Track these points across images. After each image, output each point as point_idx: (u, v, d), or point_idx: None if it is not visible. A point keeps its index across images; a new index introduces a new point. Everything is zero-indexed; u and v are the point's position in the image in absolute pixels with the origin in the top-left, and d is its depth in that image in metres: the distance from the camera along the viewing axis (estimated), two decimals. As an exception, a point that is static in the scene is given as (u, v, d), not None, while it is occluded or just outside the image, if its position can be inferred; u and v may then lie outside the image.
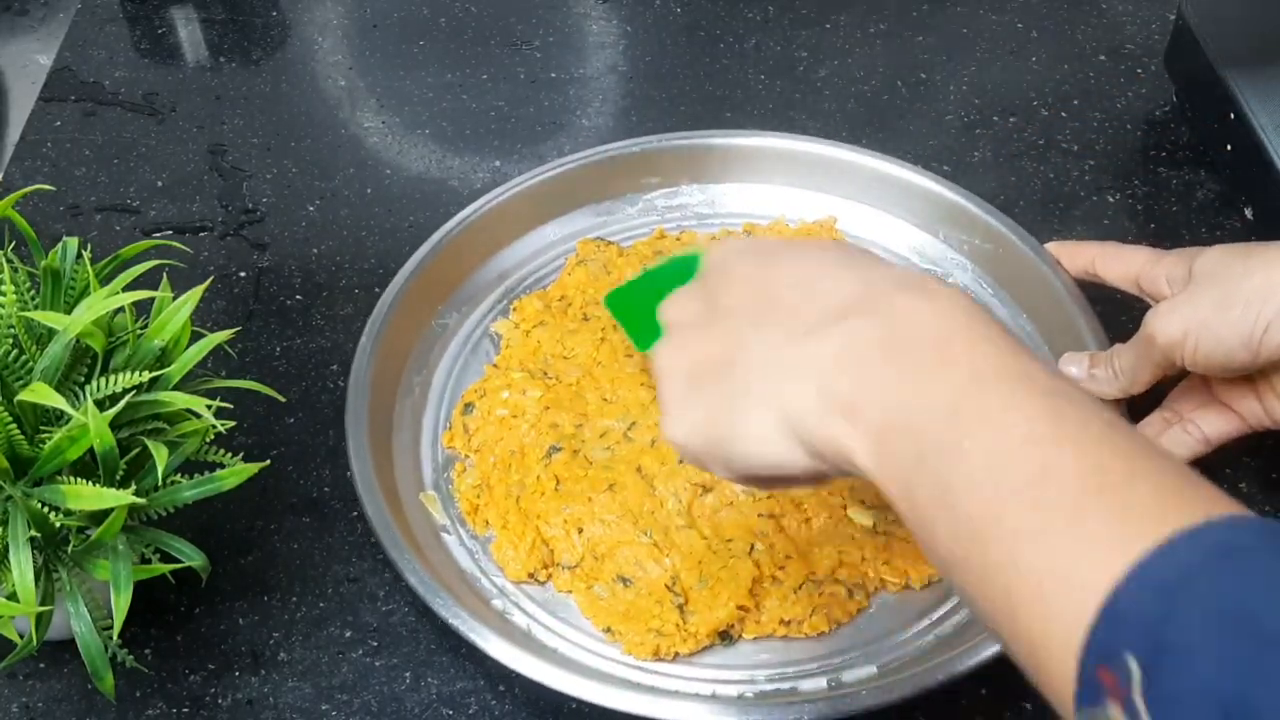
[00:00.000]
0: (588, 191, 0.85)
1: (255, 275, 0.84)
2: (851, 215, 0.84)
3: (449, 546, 0.69)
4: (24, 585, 0.54)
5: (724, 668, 0.65)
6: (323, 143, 0.93)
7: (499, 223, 0.82)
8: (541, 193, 0.83)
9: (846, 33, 1.01)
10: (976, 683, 0.62)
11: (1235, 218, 0.86)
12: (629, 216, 0.85)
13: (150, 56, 1.01)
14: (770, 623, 0.65)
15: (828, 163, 0.84)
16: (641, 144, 0.85)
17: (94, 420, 0.54)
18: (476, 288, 0.81)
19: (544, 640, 0.65)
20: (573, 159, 0.84)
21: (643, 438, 0.71)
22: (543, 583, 0.68)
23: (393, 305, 0.75)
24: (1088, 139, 0.92)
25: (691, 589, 0.66)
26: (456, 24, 1.03)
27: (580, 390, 0.74)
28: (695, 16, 1.03)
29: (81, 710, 0.63)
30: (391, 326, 0.74)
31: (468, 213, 0.80)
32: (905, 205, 0.83)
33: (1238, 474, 0.72)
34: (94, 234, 0.86)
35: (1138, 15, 1.02)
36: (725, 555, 0.67)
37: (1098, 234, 0.85)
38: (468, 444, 0.73)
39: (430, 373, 0.77)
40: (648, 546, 0.67)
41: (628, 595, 0.66)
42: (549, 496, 0.69)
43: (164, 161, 0.92)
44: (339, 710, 0.63)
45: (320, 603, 0.68)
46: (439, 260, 0.78)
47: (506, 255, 0.82)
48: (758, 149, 0.85)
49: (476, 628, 0.61)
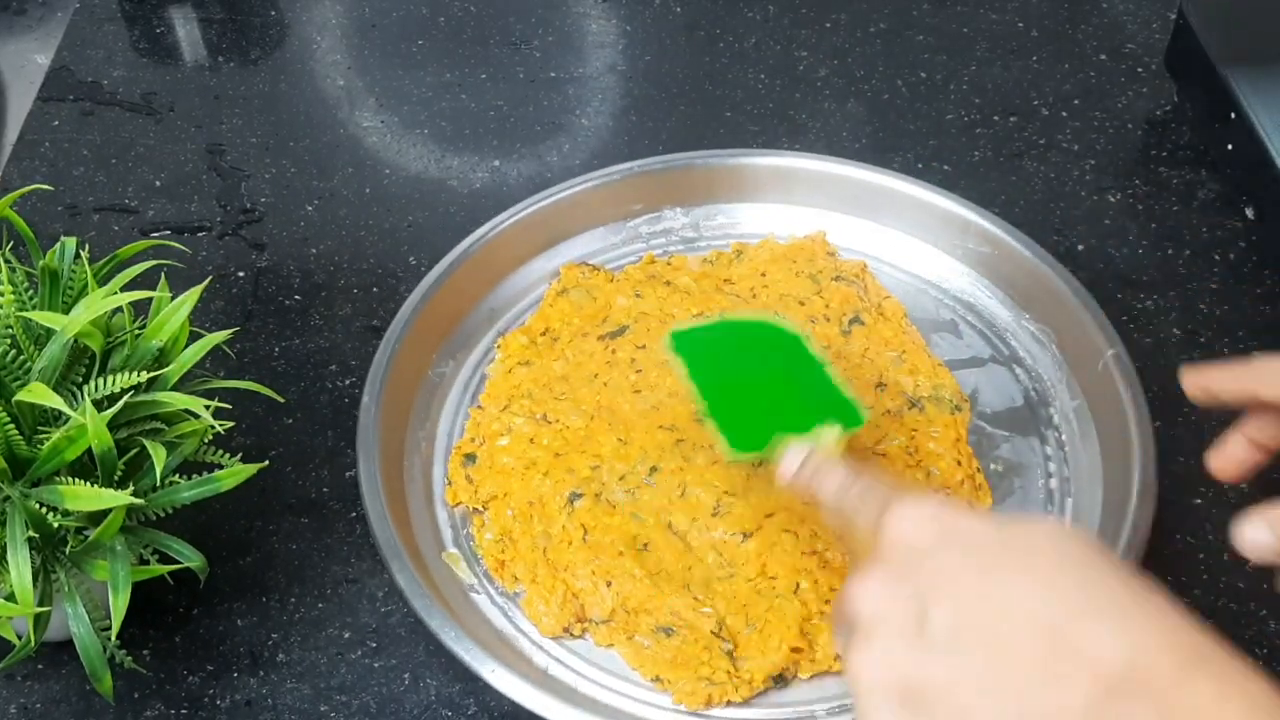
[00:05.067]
0: (572, 223, 0.83)
1: (254, 275, 0.83)
2: (841, 227, 0.83)
3: (480, 606, 0.67)
4: (22, 586, 0.54)
5: (779, 705, 0.63)
6: (321, 142, 0.93)
7: (485, 263, 0.79)
8: (525, 228, 0.81)
9: (847, 32, 1.01)
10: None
11: (1236, 218, 0.86)
12: (614, 245, 0.83)
13: (148, 56, 1.01)
14: (825, 659, 0.63)
15: (814, 177, 0.83)
16: (622, 171, 0.83)
17: (92, 421, 0.54)
18: (469, 332, 0.79)
19: (594, 695, 0.63)
20: (551, 192, 0.82)
21: (668, 485, 0.69)
22: (578, 636, 0.66)
23: (390, 360, 0.72)
24: (1088, 139, 0.92)
25: (740, 633, 0.64)
26: (455, 23, 1.03)
27: (591, 433, 0.72)
28: (695, 16, 1.03)
29: (80, 711, 0.63)
30: (391, 383, 0.72)
31: (455, 255, 0.78)
32: (895, 214, 0.82)
33: (1239, 474, 0.72)
34: (92, 234, 0.86)
35: (1139, 14, 1.02)
36: (770, 596, 0.64)
37: (1098, 234, 0.85)
38: (474, 496, 0.71)
39: (434, 426, 0.74)
40: (687, 599, 0.65)
41: (673, 643, 0.64)
42: (577, 547, 0.67)
43: (162, 161, 0.91)
44: (337, 711, 0.63)
45: (319, 604, 0.67)
46: (430, 307, 0.76)
47: (496, 295, 0.80)
48: (740, 168, 0.84)
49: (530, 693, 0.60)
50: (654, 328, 0.77)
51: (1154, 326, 0.80)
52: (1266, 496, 0.70)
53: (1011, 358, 0.77)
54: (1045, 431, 0.74)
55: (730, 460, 0.67)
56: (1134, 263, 0.83)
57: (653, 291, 0.79)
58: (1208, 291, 0.82)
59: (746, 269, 0.81)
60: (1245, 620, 0.66)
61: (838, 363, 0.74)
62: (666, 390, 0.73)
